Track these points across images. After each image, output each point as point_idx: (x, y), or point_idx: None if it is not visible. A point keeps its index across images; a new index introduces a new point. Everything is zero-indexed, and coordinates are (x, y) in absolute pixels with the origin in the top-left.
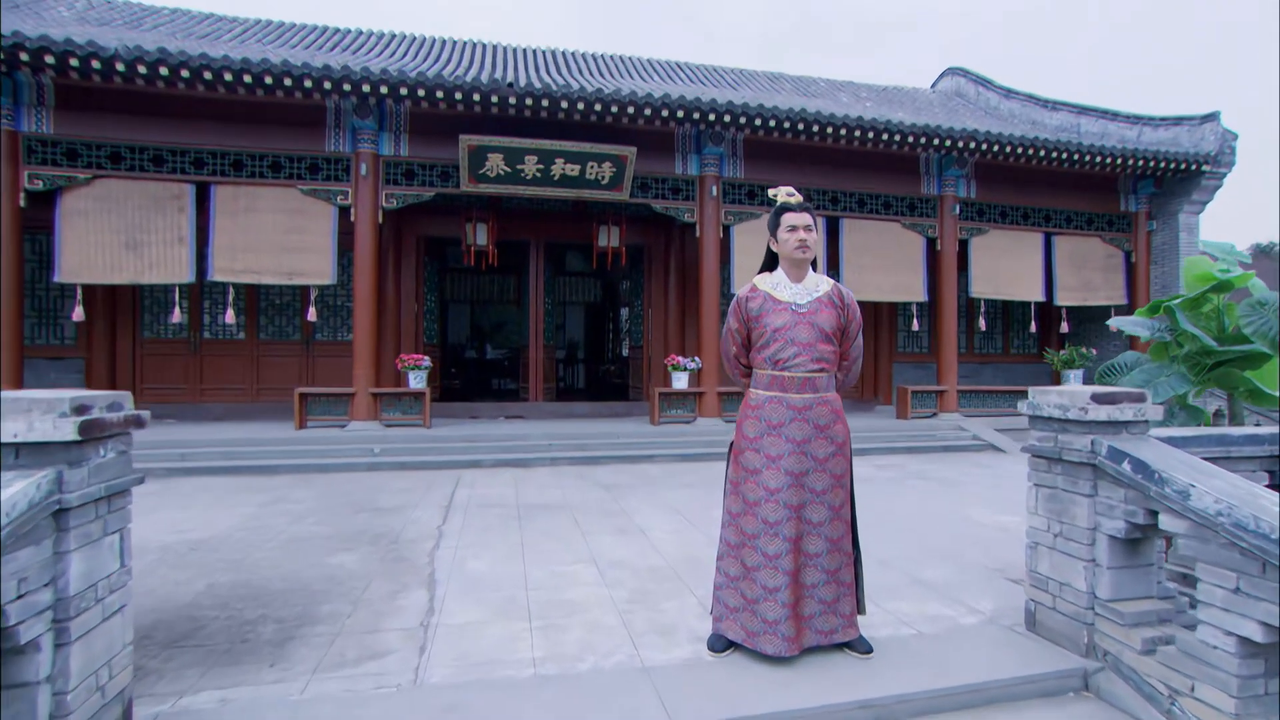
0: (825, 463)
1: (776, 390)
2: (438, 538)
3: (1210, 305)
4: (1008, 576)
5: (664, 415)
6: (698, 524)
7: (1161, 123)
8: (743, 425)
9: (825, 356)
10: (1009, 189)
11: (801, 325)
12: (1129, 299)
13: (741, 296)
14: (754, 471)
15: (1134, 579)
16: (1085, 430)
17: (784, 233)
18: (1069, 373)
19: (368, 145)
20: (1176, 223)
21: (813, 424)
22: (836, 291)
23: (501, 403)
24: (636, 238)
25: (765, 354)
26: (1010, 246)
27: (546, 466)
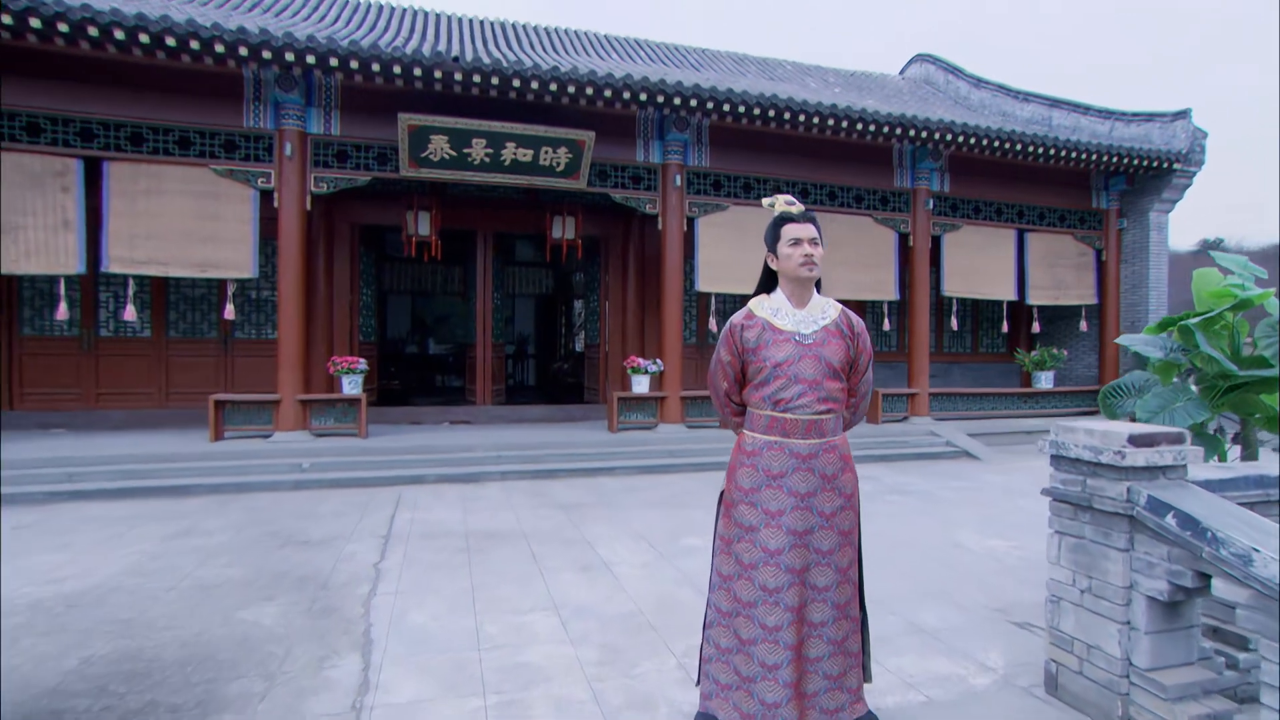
0: (832, 518)
1: (777, 434)
2: (374, 579)
3: (1223, 323)
4: (1011, 619)
5: (623, 421)
6: (666, 554)
7: (1134, 118)
8: (736, 474)
9: (833, 395)
10: (983, 183)
11: (806, 359)
12: (1099, 298)
13: (735, 324)
14: (750, 529)
15: (1174, 644)
16: (1120, 477)
17: (786, 247)
18: (1039, 374)
19: (293, 122)
20: (1147, 221)
21: (819, 474)
22: (845, 319)
23: (446, 406)
24: (594, 229)
25: (764, 392)
26: (983, 243)
27: (497, 482)
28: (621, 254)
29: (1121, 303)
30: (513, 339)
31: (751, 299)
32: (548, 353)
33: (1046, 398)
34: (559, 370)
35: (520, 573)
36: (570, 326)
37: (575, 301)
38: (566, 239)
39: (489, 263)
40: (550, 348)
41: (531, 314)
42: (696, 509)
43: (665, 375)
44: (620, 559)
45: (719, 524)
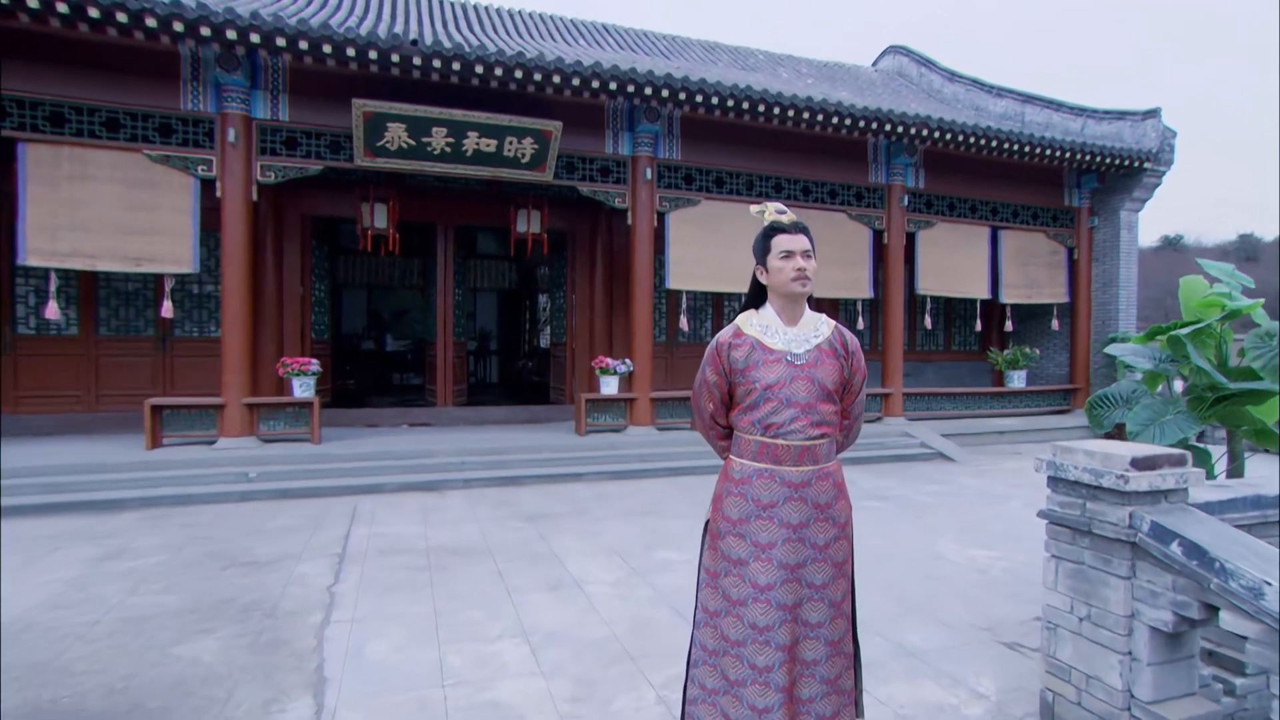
0: (826, 550)
1: (767, 461)
2: (328, 605)
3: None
4: (1000, 639)
5: (591, 423)
6: (640, 570)
7: (1105, 116)
8: (723, 503)
9: (827, 419)
10: (957, 180)
11: (799, 381)
12: (1071, 297)
13: (723, 342)
14: (738, 562)
15: (1176, 675)
16: (1122, 501)
17: (777, 260)
18: (1012, 373)
19: (237, 106)
20: (1118, 219)
21: (811, 503)
22: (839, 336)
23: (405, 408)
24: (560, 223)
25: (753, 417)
26: (958, 241)
27: (460, 490)
28: (589, 249)
29: (1092, 301)
30: (474, 335)
31: (739, 315)
32: (511, 349)
33: (1019, 397)
34: (523, 368)
35: (486, 594)
36: (535, 322)
37: (540, 296)
38: (532, 233)
39: (450, 256)
40: (514, 344)
41: (494, 309)
42: (670, 518)
43: (635, 376)
44: (592, 576)
45: (704, 556)
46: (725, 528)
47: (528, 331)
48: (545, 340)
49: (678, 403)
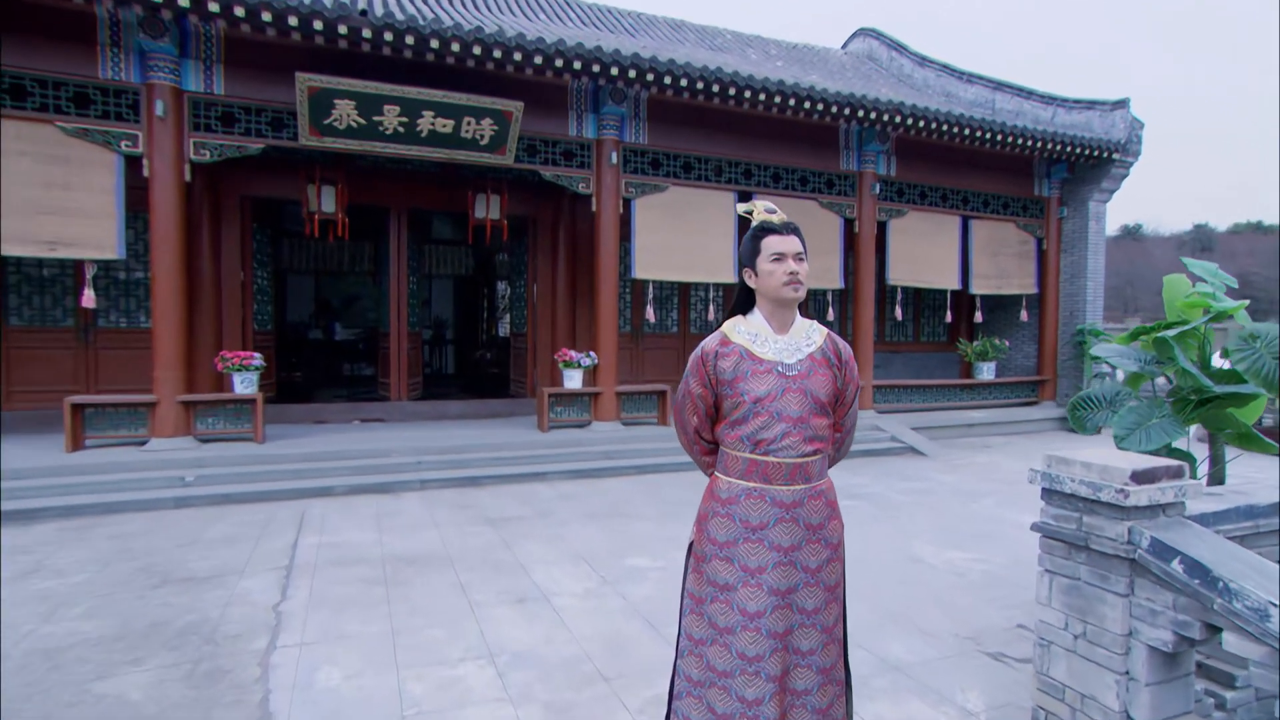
0: (818, 573)
1: (757, 480)
2: (274, 627)
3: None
4: (983, 649)
5: (554, 419)
6: (610, 578)
7: (1075, 105)
8: (708, 524)
9: (819, 434)
10: (929, 168)
11: (791, 394)
12: (1039, 288)
13: (708, 350)
14: (726, 588)
15: (1173, 694)
16: (1121, 516)
17: (767, 263)
18: (981, 364)
19: (165, 76)
20: (1087, 210)
21: (803, 524)
22: (832, 345)
23: (356, 402)
24: (521, 208)
25: (741, 432)
26: (929, 230)
27: (416, 492)
28: (551, 236)
29: (1060, 292)
30: (430, 324)
31: (725, 321)
32: (468, 339)
33: (988, 389)
34: (481, 359)
35: (448, 609)
36: (493, 310)
37: (499, 283)
38: (491, 219)
39: (404, 241)
40: (471, 333)
41: (450, 296)
42: (639, 520)
43: (599, 369)
44: (560, 587)
45: (688, 580)
46: (711, 551)
47: (486, 321)
48: (504, 329)
49: (644, 397)
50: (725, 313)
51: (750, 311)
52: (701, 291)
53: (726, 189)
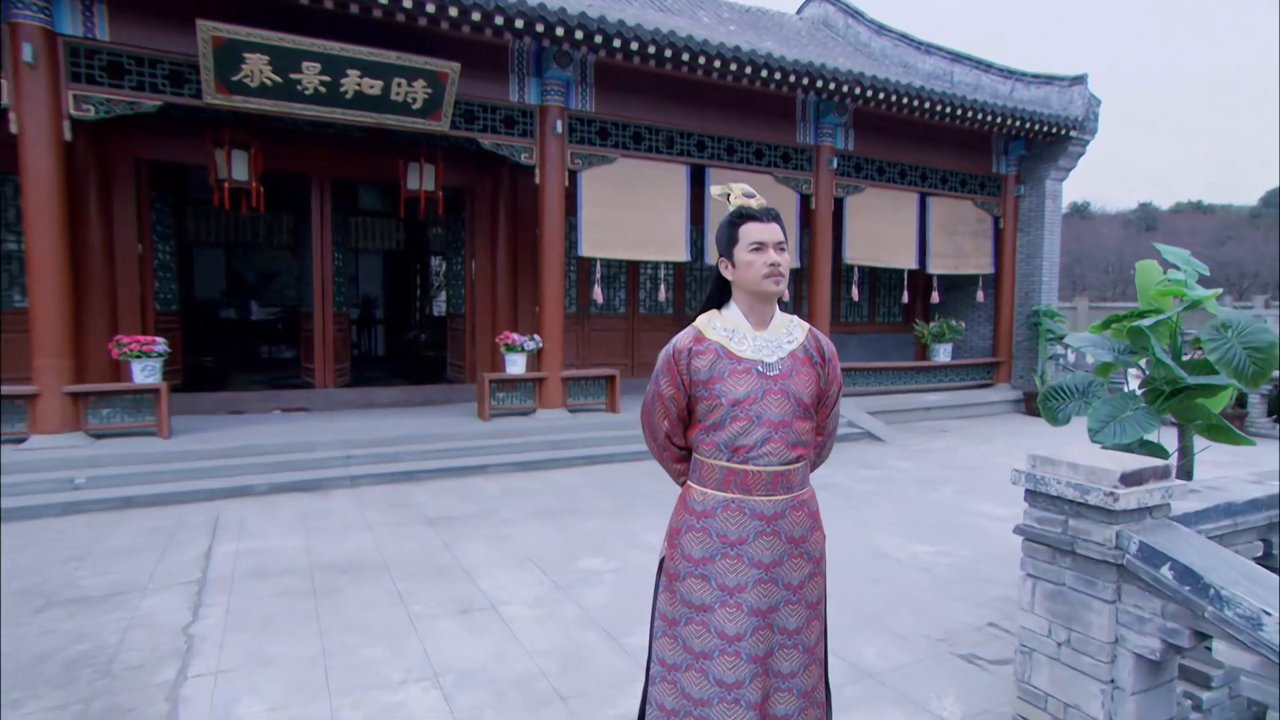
0: (800, 590)
1: (735, 491)
2: (185, 653)
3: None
4: (955, 651)
5: (496, 407)
6: (563, 583)
7: (1034, 80)
8: (681, 538)
9: (802, 439)
10: (887, 142)
11: (772, 396)
12: (996, 268)
13: (680, 348)
14: (701, 609)
15: (1158, 702)
16: (1109, 520)
17: (746, 252)
18: (938, 346)
19: (33, 16)
20: (1043, 189)
21: (785, 537)
22: (814, 341)
23: (277, 390)
24: (458, 179)
25: (718, 438)
26: (886, 207)
27: (346, 489)
28: (491, 209)
29: (1016, 272)
30: (357, 302)
31: (699, 315)
32: (401, 318)
33: (945, 371)
34: (415, 341)
35: (386, 623)
36: (427, 288)
37: (433, 259)
38: (425, 190)
39: (327, 213)
40: (403, 312)
41: (379, 273)
42: (591, 516)
43: (544, 353)
44: (508, 594)
45: (659, 600)
46: (685, 568)
47: (419, 299)
48: (440, 309)
49: (592, 382)
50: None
51: (726, 305)
52: (651, 270)
53: (679, 161)
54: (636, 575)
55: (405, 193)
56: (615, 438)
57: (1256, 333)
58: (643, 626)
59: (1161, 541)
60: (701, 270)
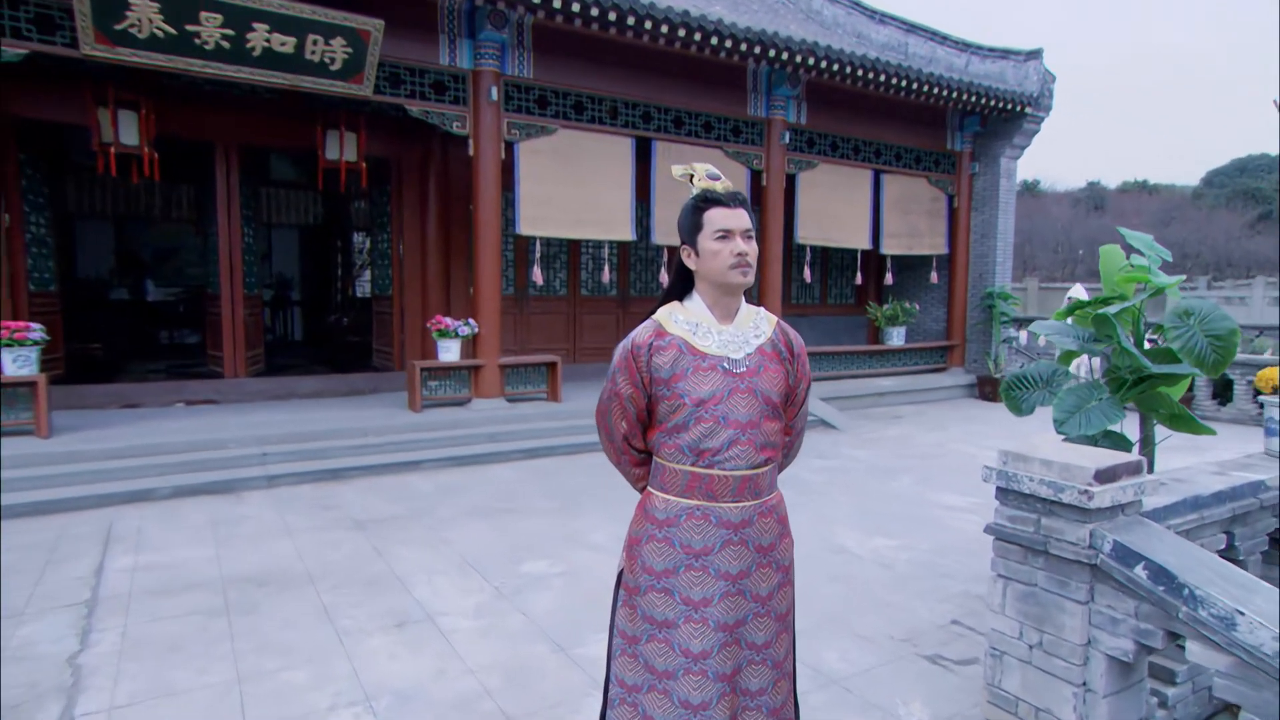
0: (769, 601)
1: (699, 497)
2: (71, 688)
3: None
4: (920, 651)
5: (428, 397)
6: (506, 590)
7: (989, 53)
8: (642, 549)
9: (771, 440)
10: (841, 116)
11: (739, 395)
12: (950, 248)
13: (640, 343)
14: (665, 625)
15: (1129, 703)
16: (1083, 519)
17: (711, 240)
18: (891, 329)
19: None
20: (998, 167)
21: (753, 546)
22: (782, 335)
23: (180, 380)
24: (383, 149)
25: (681, 440)
26: (840, 184)
27: (263, 491)
28: (420, 183)
29: (970, 253)
30: (271, 282)
31: (660, 307)
32: (320, 300)
33: (898, 355)
34: (337, 324)
35: (310, 642)
36: (350, 266)
37: (355, 235)
38: (346, 160)
39: (234, 184)
40: (324, 293)
41: (296, 250)
42: (533, 515)
43: (480, 338)
44: (447, 604)
45: (617, 615)
46: (646, 581)
47: (341, 279)
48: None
49: (532, 370)
50: (618, 272)
51: (689, 297)
52: (594, 250)
53: (623, 134)
54: (585, 578)
55: (324, 163)
56: (557, 429)
57: (1218, 320)
58: (595, 635)
59: (1135, 540)
60: (647, 250)
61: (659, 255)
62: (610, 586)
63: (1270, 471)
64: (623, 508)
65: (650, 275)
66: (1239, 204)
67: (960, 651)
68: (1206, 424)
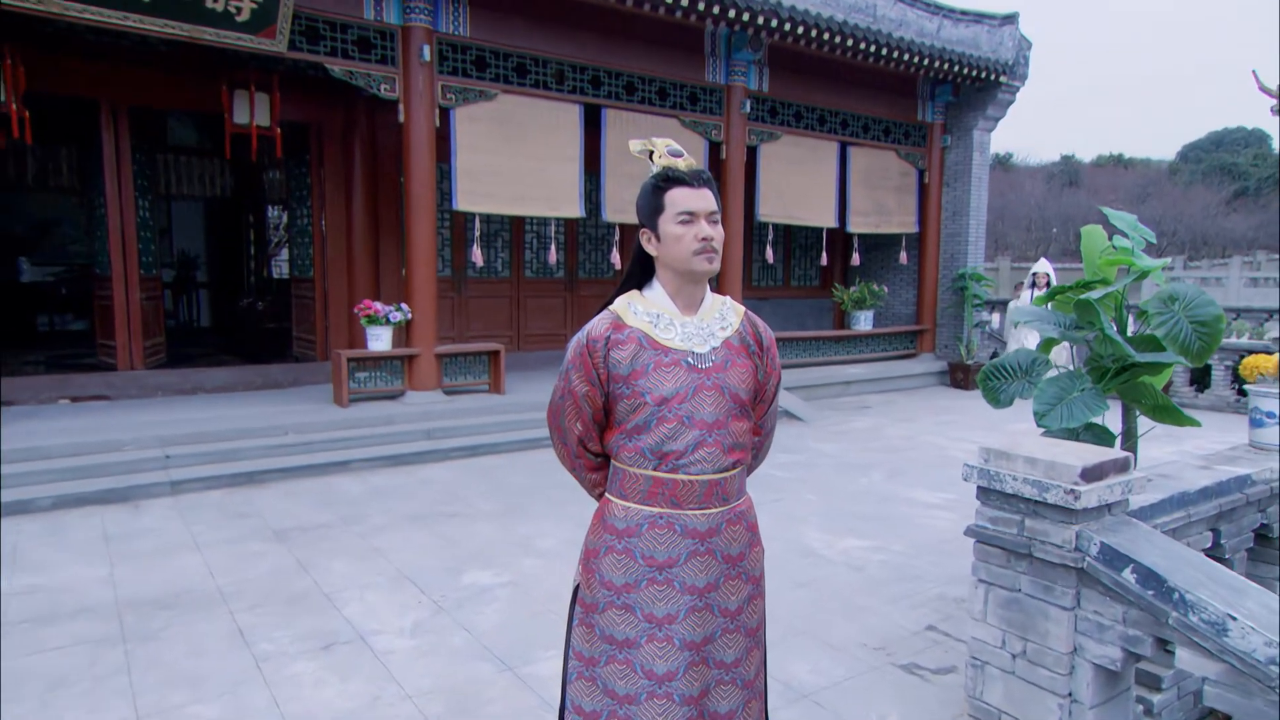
0: (739, 616)
1: (663, 505)
2: None
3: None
4: (896, 662)
5: (357, 390)
6: (446, 604)
7: (962, 17)
8: (599, 562)
9: (740, 442)
10: (805, 84)
11: (705, 392)
12: (920, 226)
13: (596, 337)
14: (625, 644)
15: (1115, 713)
16: (1068, 520)
17: (673, 225)
18: (858, 313)
19: None
20: (971, 140)
21: (721, 556)
22: (750, 327)
23: (63, 373)
24: (301, 112)
25: (643, 443)
26: (804, 158)
27: (165, 499)
28: (344, 152)
29: (941, 232)
30: (172, 261)
31: (617, 296)
32: (231, 281)
33: (866, 341)
34: (251, 309)
35: (223, 671)
36: (264, 244)
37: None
38: (258, 125)
39: (125, 149)
40: (235, 274)
41: (201, 225)
42: (476, 520)
43: (415, 325)
44: (381, 622)
45: (573, 635)
46: (605, 597)
47: (255, 259)
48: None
49: (472, 359)
50: (566, 252)
51: (649, 285)
52: (539, 228)
53: (570, 100)
54: (534, 589)
55: (231, 127)
56: (501, 423)
57: (1203, 305)
58: (547, 652)
59: (1123, 542)
60: (597, 228)
61: (610, 234)
62: (563, 597)
63: (1255, 465)
64: (575, 509)
65: (600, 256)
66: (1215, 180)
67: (937, 660)
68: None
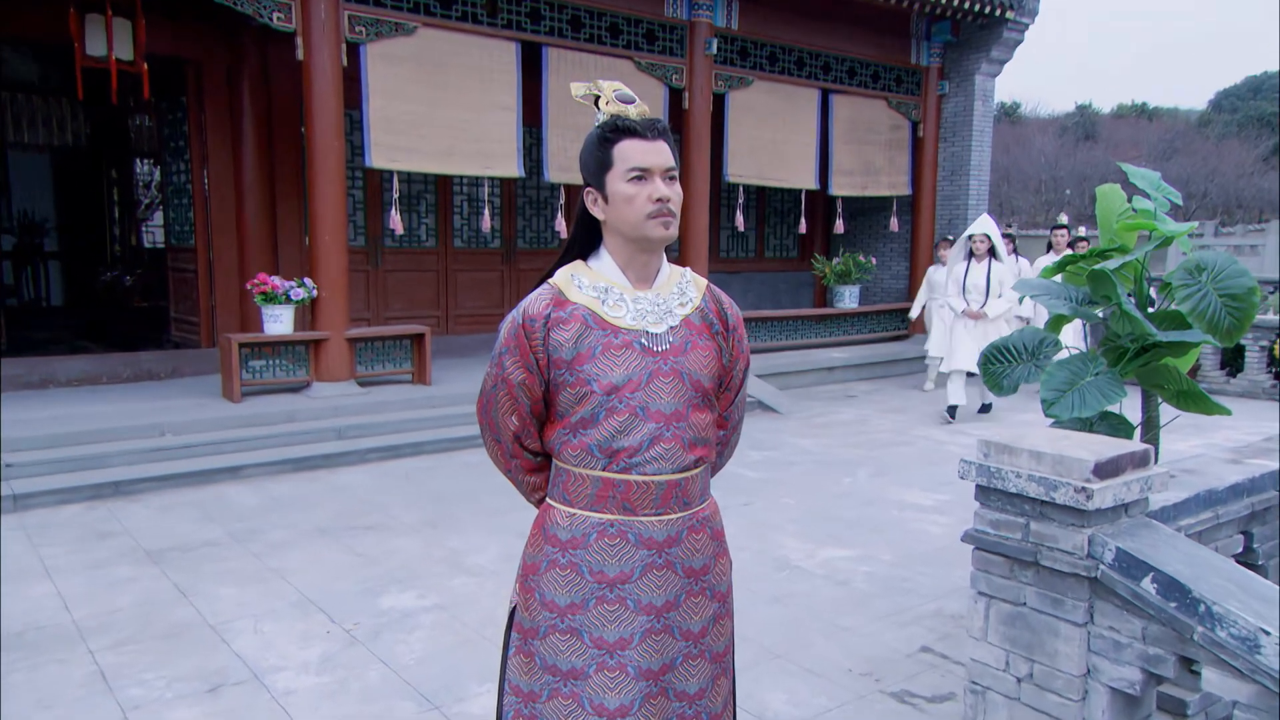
0: (702, 639)
1: (614, 510)
2: None
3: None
4: (886, 689)
5: (251, 382)
6: (362, 634)
7: None
8: (540, 580)
9: (703, 436)
10: (781, 20)
11: (661, 379)
12: (913, 187)
13: (533, 316)
14: (571, 675)
15: None
16: (1080, 523)
17: (624, 183)
18: (841, 288)
19: None
20: (972, 86)
21: (682, 570)
22: (714, 304)
23: None
24: (174, 45)
25: (590, 438)
26: (780, 108)
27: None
28: (232, 95)
29: (938, 194)
30: (11, 226)
31: (558, 268)
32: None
33: (851, 320)
34: (117, 284)
35: None
36: (132, 206)
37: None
38: (118, 59)
39: None
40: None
41: (49, 181)
42: (396, 533)
43: (321, 303)
44: (281, 657)
45: (509, 665)
46: (546, 620)
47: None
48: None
49: (391, 344)
50: (502, 218)
51: (595, 254)
52: (470, 189)
53: (505, 36)
54: (465, 612)
55: (84, 60)
56: (426, 419)
57: (1234, 276)
58: (480, 685)
59: (1142, 547)
60: (538, 190)
61: (554, 197)
62: (499, 621)
63: None
64: (512, 518)
65: (543, 222)
66: (1252, 132)
67: (933, 686)
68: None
